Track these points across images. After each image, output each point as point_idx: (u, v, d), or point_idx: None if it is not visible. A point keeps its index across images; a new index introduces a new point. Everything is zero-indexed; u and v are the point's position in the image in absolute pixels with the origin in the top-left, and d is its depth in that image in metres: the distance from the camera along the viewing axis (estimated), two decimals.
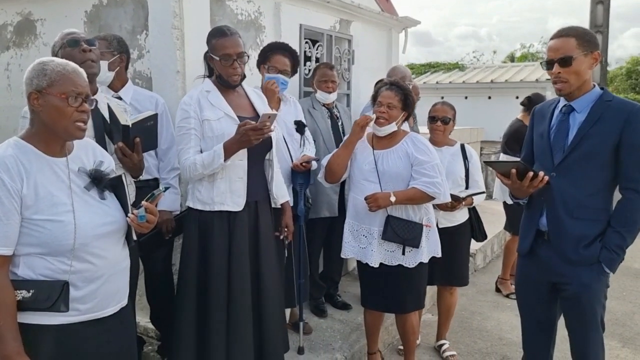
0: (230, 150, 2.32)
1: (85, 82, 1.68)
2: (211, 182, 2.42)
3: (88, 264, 1.65)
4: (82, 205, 1.66)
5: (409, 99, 2.82)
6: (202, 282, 2.45)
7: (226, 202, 2.42)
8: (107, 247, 1.71)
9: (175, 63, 2.93)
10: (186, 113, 2.41)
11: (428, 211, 2.88)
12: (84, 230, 1.63)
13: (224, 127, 2.39)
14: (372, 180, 2.80)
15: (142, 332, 3.33)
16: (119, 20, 3.22)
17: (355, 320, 3.67)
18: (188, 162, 2.38)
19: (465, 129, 7.43)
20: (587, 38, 2.19)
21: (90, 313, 1.68)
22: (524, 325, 2.60)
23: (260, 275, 2.54)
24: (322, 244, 3.80)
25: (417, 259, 2.80)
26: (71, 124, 1.63)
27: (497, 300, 4.67)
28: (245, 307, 2.47)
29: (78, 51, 2.20)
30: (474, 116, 10.35)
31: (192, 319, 2.44)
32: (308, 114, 3.60)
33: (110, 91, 2.77)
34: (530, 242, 2.44)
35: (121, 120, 2.08)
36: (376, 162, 2.82)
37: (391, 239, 2.75)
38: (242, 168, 2.44)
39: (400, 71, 4.12)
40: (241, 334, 2.45)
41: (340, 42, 4.38)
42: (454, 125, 3.42)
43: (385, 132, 2.82)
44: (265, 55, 3.11)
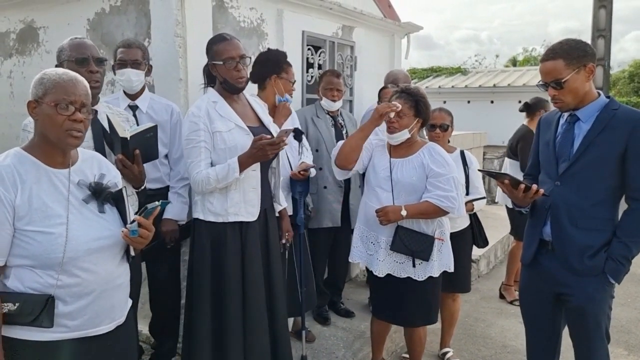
0: (245, 164, 2.31)
1: (82, 91, 1.65)
2: (224, 193, 2.39)
3: (77, 279, 1.60)
4: (78, 218, 1.63)
5: (420, 105, 2.73)
6: (217, 294, 2.42)
7: (240, 213, 2.41)
8: (100, 262, 1.65)
9: (178, 71, 2.92)
10: (196, 125, 2.36)
11: (442, 224, 2.79)
12: (75, 243, 1.59)
13: (237, 139, 2.38)
14: (386, 189, 2.74)
15: (144, 340, 3.32)
16: (122, 28, 3.22)
17: (359, 328, 3.65)
18: (200, 176, 2.34)
19: (468, 134, 7.41)
20: (575, 55, 2.16)
21: (79, 330, 1.63)
22: (529, 335, 2.58)
23: (271, 282, 2.56)
24: (327, 253, 3.79)
25: (426, 273, 2.72)
26: (62, 132, 1.60)
27: (501, 306, 4.65)
28: (261, 312, 2.47)
29: (85, 71, 2.17)
30: (477, 121, 10.36)
31: (208, 330, 2.42)
32: (311, 122, 3.59)
33: (127, 100, 2.78)
34: (533, 251, 2.42)
35: (120, 132, 2.07)
36: (391, 171, 2.76)
37: (399, 250, 2.69)
38: (255, 178, 2.44)
39: (392, 74, 4.10)
40: (258, 343, 2.46)
41: (342, 48, 4.38)
42: (452, 130, 3.41)
43: (397, 140, 2.75)
44: (279, 66, 3.02)
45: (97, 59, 2.22)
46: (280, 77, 3.02)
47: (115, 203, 1.76)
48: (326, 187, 3.55)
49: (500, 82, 11.47)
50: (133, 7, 3.16)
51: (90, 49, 2.24)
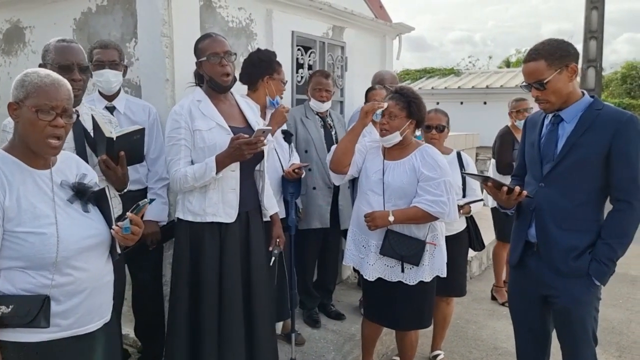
0: (222, 163, 2.28)
1: (65, 95, 1.62)
2: (203, 193, 2.37)
3: (70, 277, 1.60)
4: (65, 218, 1.62)
5: (412, 106, 2.67)
6: (194, 294, 2.41)
7: (218, 213, 2.38)
8: (90, 261, 1.66)
9: (165, 71, 2.89)
10: (177, 123, 2.36)
11: (435, 228, 2.73)
12: (67, 243, 1.58)
13: (216, 138, 2.35)
14: (377, 192, 2.70)
15: (131, 344, 3.28)
16: (108, 28, 3.18)
17: (349, 330, 3.63)
18: (179, 174, 2.33)
19: (461, 135, 7.40)
20: (557, 55, 2.14)
21: (72, 329, 1.63)
22: (518, 337, 2.56)
23: (251, 286, 2.51)
24: (316, 254, 3.76)
25: (417, 277, 2.67)
26: (42, 138, 1.58)
27: (493, 308, 4.63)
28: (236, 318, 2.43)
29: (68, 78, 2.12)
30: (470, 122, 10.35)
31: (184, 330, 2.41)
32: (300, 122, 3.56)
33: (104, 101, 2.75)
34: (519, 253, 2.40)
35: (105, 132, 2.04)
36: (384, 173, 2.72)
37: (389, 254, 2.65)
38: (234, 179, 2.41)
39: (379, 75, 4.08)
40: (233, 345, 2.42)
41: (333, 48, 4.35)
42: (448, 131, 3.39)
43: (389, 143, 2.70)
44: (272, 67, 2.99)
45: (81, 67, 2.16)
46: (272, 78, 2.99)
47: (97, 203, 1.75)
48: (315, 188, 3.52)
49: (493, 84, 11.49)
50: (119, 7, 3.12)
51: (76, 55, 2.16)
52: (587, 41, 10.26)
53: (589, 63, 10.27)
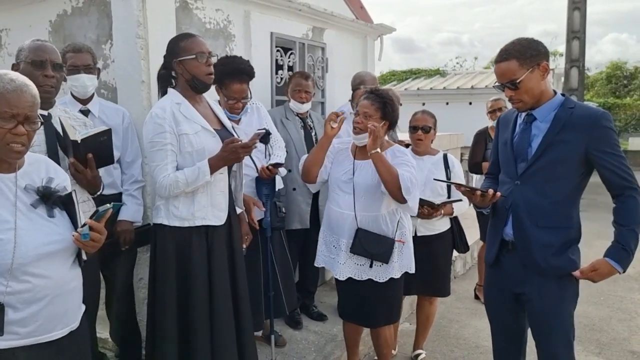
0: (216, 166, 2.27)
1: (27, 102, 1.56)
2: (190, 197, 2.34)
3: (28, 285, 1.55)
4: (26, 223, 1.58)
5: (387, 107, 2.69)
6: (183, 299, 2.36)
7: (207, 217, 2.36)
8: (51, 267, 1.60)
9: (140, 73, 2.87)
10: (161, 127, 2.27)
11: (403, 225, 2.78)
12: (24, 249, 1.54)
13: (204, 141, 2.32)
14: (347, 191, 2.72)
15: (110, 348, 3.25)
16: (84, 30, 3.16)
17: (331, 331, 3.62)
18: (168, 180, 2.27)
19: (445, 135, 7.43)
20: (529, 54, 2.14)
21: (31, 337, 1.57)
22: (494, 335, 2.57)
23: (237, 286, 2.50)
24: (297, 255, 3.76)
25: (387, 274, 2.71)
26: (3, 145, 1.54)
27: (476, 307, 4.65)
28: (228, 319, 2.42)
29: (40, 74, 2.10)
30: (456, 122, 10.40)
31: (175, 336, 2.36)
32: (280, 123, 3.56)
33: (78, 104, 2.73)
34: (495, 252, 2.41)
35: (70, 135, 2.01)
36: (354, 173, 2.73)
37: (359, 253, 2.67)
38: (224, 182, 2.40)
39: (359, 76, 4.08)
40: (226, 347, 2.41)
41: (313, 50, 4.35)
42: (435, 133, 3.38)
43: (362, 142, 2.71)
44: (222, 81, 2.91)
45: (54, 64, 2.14)
46: (221, 91, 2.97)
47: (65, 207, 1.70)
48: (295, 189, 3.52)
49: (478, 84, 11.57)
50: (95, 9, 3.10)
51: (50, 53, 2.15)
52: (570, 41, 10.36)
53: (572, 63, 10.37)
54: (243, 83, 2.94)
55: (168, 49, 2.41)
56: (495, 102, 4.59)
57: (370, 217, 2.71)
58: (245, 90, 2.96)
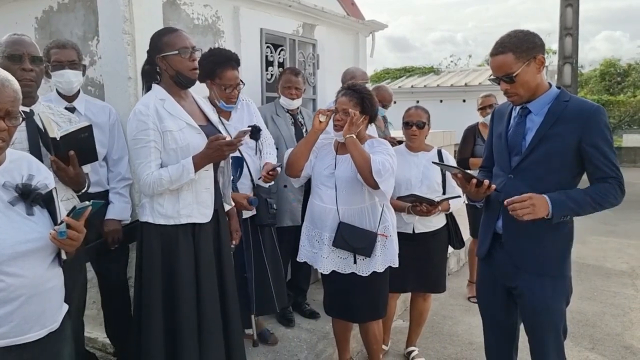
0: (200, 164, 2.24)
1: (8, 98, 1.53)
2: (175, 194, 2.30)
3: (1, 284, 1.50)
4: (2, 221, 1.54)
5: (365, 102, 2.71)
6: (170, 299, 2.33)
7: (193, 214, 2.33)
8: (27, 266, 1.55)
9: (127, 69, 2.84)
10: (144, 124, 2.24)
11: (386, 219, 2.78)
12: (0, 247, 1.50)
13: (188, 138, 2.28)
14: (329, 185, 2.74)
15: (100, 348, 3.22)
16: (70, 26, 3.12)
17: (323, 329, 3.60)
18: (152, 178, 2.23)
19: (438, 132, 7.42)
20: (524, 47, 2.12)
21: (6, 338, 1.53)
22: (486, 330, 2.56)
23: (224, 283, 2.47)
24: (289, 252, 3.73)
25: (370, 268, 2.71)
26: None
27: (469, 304, 4.63)
28: (215, 317, 2.39)
29: (18, 68, 2.06)
30: (450, 119, 10.39)
31: (161, 335, 2.32)
32: (271, 120, 3.53)
33: (64, 102, 2.69)
34: (487, 245, 2.40)
35: (50, 132, 1.96)
36: (335, 167, 2.75)
37: (341, 246, 2.68)
38: (209, 179, 2.37)
39: (349, 72, 4.06)
40: (214, 345, 2.38)
41: (304, 46, 4.33)
42: (429, 129, 3.36)
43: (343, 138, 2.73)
44: (213, 72, 2.89)
45: (32, 57, 2.11)
46: (214, 83, 2.92)
47: (46, 205, 1.66)
48: (286, 186, 3.49)
49: (472, 81, 11.56)
50: (81, 4, 3.07)
51: (27, 46, 2.12)
52: (562, 38, 10.36)
53: (565, 59, 10.37)
54: (234, 69, 2.92)
55: (151, 45, 2.37)
56: (486, 98, 4.58)
57: (352, 211, 2.71)
58: (237, 77, 2.95)
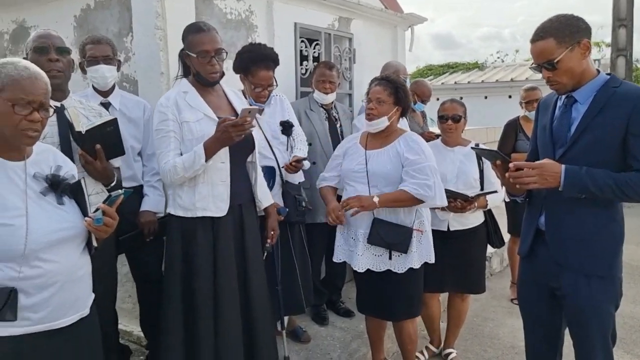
0: (210, 149, 2.20)
1: (42, 90, 1.59)
2: (192, 186, 2.31)
3: (40, 270, 1.56)
4: (36, 210, 1.59)
5: (400, 93, 2.66)
6: (188, 291, 2.34)
7: (209, 207, 2.31)
8: (61, 253, 1.62)
9: (159, 64, 2.86)
10: (164, 115, 2.30)
11: (421, 214, 2.71)
12: (36, 235, 1.55)
13: (204, 129, 2.28)
14: (361, 182, 2.67)
15: (135, 341, 3.25)
16: (106, 24, 3.17)
17: (357, 328, 3.52)
18: (168, 166, 2.26)
19: (481, 129, 7.22)
20: (567, 31, 1.97)
21: (43, 323, 1.58)
22: (527, 333, 2.42)
23: (247, 280, 2.43)
24: (323, 249, 3.68)
25: (406, 265, 2.64)
26: (17, 132, 1.56)
27: (512, 306, 4.44)
28: (233, 314, 2.36)
29: (45, 60, 2.11)
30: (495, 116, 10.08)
31: (179, 329, 2.34)
32: (304, 115, 3.49)
33: (99, 97, 2.72)
34: (530, 242, 2.26)
35: (76, 126, 1.99)
36: (367, 163, 2.68)
37: (376, 243, 2.61)
38: (224, 171, 2.34)
39: (392, 66, 3.96)
40: (230, 343, 2.35)
41: (340, 40, 4.26)
42: (465, 122, 3.23)
43: (377, 128, 2.67)
44: (247, 68, 2.87)
45: (57, 48, 2.15)
46: (247, 79, 2.89)
47: (73, 195, 1.71)
48: None
49: (518, 76, 11.20)
50: (116, 2, 3.11)
51: (52, 38, 2.17)
52: (616, 30, 9.87)
53: (618, 52, 9.87)
54: (269, 70, 2.88)
55: (182, 37, 2.39)
56: (530, 92, 4.32)
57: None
58: (271, 77, 2.90)
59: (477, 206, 3.03)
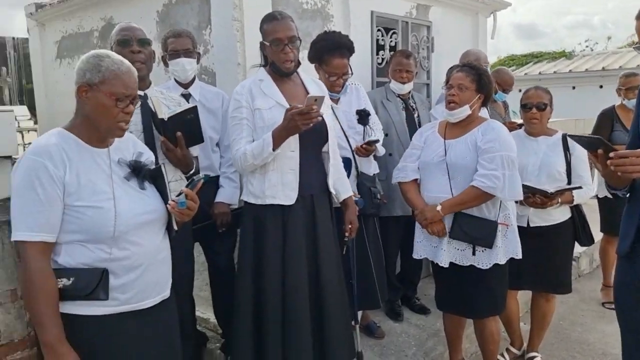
0: (278, 137, 2.19)
1: (135, 82, 1.68)
2: (263, 174, 2.32)
3: (127, 252, 1.64)
4: (122, 194, 1.66)
5: (483, 79, 2.52)
6: (258, 280, 2.36)
7: (277, 196, 2.31)
8: (146, 236, 1.69)
9: (236, 56, 2.88)
10: (238, 103, 2.33)
11: (506, 207, 2.55)
12: (124, 217, 1.62)
13: (275, 116, 2.27)
14: (441, 173, 2.55)
15: (211, 329, 3.32)
16: (186, 17, 3.25)
17: (434, 325, 3.40)
18: (239, 153, 2.29)
19: (569, 120, 6.77)
20: None
21: (129, 304, 1.66)
22: (624, 341, 2.20)
23: (319, 272, 2.40)
24: (398, 243, 3.58)
25: (491, 260, 2.49)
26: (114, 123, 1.64)
27: (603, 310, 4.13)
28: (302, 304, 2.33)
29: (127, 52, 2.18)
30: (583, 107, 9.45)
31: (249, 317, 2.36)
32: (381, 105, 3.41)
33: (180, 88, 2.79)
34: (631, 241, 2.04)
35: (159, 113, 2.05)
36: (446, 153, 2.56)
37: (459, 238, 2.49)
38: (293, 160, 2.31)
39: (472, 53, 3.77)
40: (297, 334, 2.32)
41: (417, 28, 4.12)
42: (551, 111, 3.01)
43: (458, 117, 2.54)
44: (321, 57, 2.85)
45: (139, 40, 2.21)
46: (321, 68, 2.86)
47: (153, 181, 1.77)
48: None
49: (611, 65, 10.42)
50: None
51: (134, 30, 2.24)
52: None
53: None
54: (343, 57, 2.84)
55: (259, 27, 2.40)
56: (631, 78, 3.97)
57: None
58: (346, 66, 2.86)
59: (560, 202, 2.82)
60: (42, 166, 1.55)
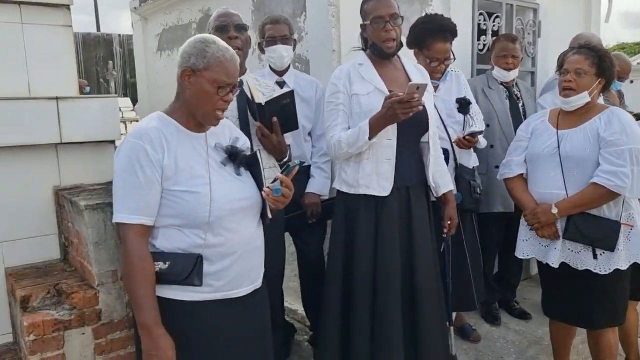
0: (376, 126, 2.08)
1: (237, 71, 1.64)
2: (357, 162, 2.22)
3: (222, 238, 1.60)
4: (218, 179, 1.63)
5: (605, 62, 2.24)
6: (348, 272, 2.27)
7: (372, 186, 2.20)
8: (241, 223, 1.65)
9: (332, 42, 2.81)
10: (335, 87, 2.25)
11: (630, 206, 2.26)
12: (220, 203, 1.59)
13: (373, 102, 2.16)
14: (553, 167, 2.30)
15: (299, 320, 3.29)
16: (281, 5, 3.22)
17: (536, 333, 3.16)
18: (333, 141, 2.21)
19: None
20: None
21: (223, 291, 1.63)
22: None
23: (414, 269, 2.26)
24: (498, 243, 3.36)
25: (611, 265, 2.21)
26: (212, 111, 1.61)
27: None
28: (392, 299, 2.21)
29: (225, 38, 2.14)
30: None
31: (337, 312, 2.28)
32: (482, 93, 3.20)
33: (275, 76, 2.78)
34: None
35: (256, 98, 2.01)
36: (559, 145, 2.30)
37: (575, 239, 2.24)
38: (390, 149, 2.19)
39: (584, 37, 3.40)
40: (388, 332, 2.21)
41: (523, 12, 3.83)
42: None
43: (575, 105, 2.28)
44: (422, 41, 2.70)
45: (236, 26, 2.19)
46: (422, 53, 2.70)
47: (249, 167, 1.74)
48: (498, 167, 3.10)
49: None
50: None
51: (231, 16, 2.21)
52: None
53: None
54: (446, 42, 2.68)
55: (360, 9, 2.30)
56: None
57: None
58: (448, 51, 2.71)
59: None
60: (142, 149, 1.55)
